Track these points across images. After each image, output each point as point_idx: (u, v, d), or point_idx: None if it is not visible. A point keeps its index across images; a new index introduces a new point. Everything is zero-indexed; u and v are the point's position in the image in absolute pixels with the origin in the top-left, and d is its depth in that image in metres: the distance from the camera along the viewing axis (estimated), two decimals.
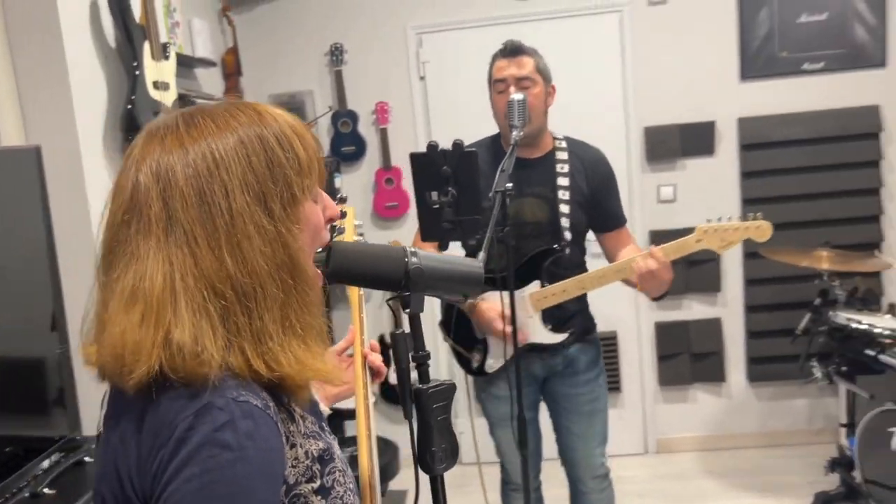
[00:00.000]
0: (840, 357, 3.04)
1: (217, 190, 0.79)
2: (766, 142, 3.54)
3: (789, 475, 3.43)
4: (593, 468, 2.37)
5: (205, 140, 0.81)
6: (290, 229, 0.83)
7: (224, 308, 0.78)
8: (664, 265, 1.99)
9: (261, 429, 0.76)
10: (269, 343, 0.80)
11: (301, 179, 0.85)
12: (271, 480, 0.78)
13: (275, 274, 0.81)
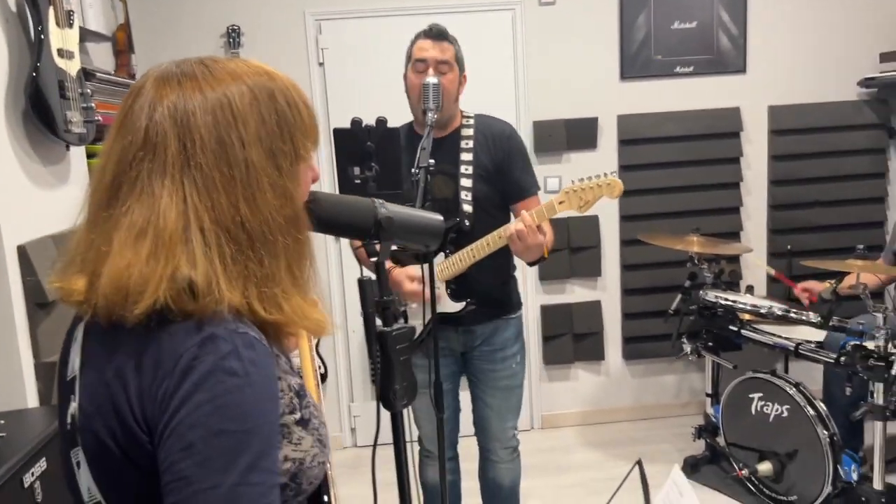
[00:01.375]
0: (707, 333, 3.37)
1: (235, 141, 0.84)
2: (642, 138, 3.85)
3: (661, 444, 3.75)
4: (505, 440, 2.50)
5: (222, 89, 0.85)
6: (295, 185, 0.89)
7: (237, 251, 0.83)
8: (531, 228, 2.05)
9: (261, 357, 0.81)
10: (275, 289, 0.85)
11: (305, 141, 0.91)
12: (274, 405, 0.83)
13: (284, 226, 0.87)
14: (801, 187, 3.96)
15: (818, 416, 2.84)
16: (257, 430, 0.78)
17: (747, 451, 3.14)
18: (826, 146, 3.92)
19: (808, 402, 2.88)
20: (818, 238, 3.96)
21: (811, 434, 2.84)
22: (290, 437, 0.86)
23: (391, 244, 0.99)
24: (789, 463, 2.97)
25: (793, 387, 2.94)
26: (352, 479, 3.55)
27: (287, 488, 0.86)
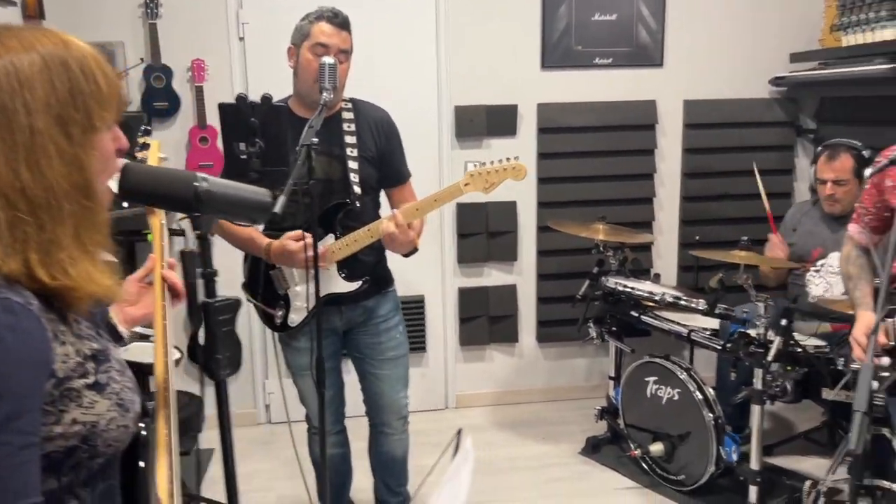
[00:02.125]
0: (611, 318, 3.48)
1: (19, 108, 0.85)
2: (561, 126, 3.92)
3: (567, 424, 3.87)
4: (399, 409, 2.57)
5: (9, 56, 0.87)
6: (87, 154, 0.91)
7: (14, 217, 0.85)
8: (402, 228, 2.16)
9: (22, 322, 0.83)
10: (59, 255, 0.88)
11: (101, 111, 0.93)
12: (32, 369, 0.85)
13: (70, 192, 0.89)
14: (712, 180, 4.09)
15: (705, 400, 2.97)
16: (7, 393, 0.81)
17: (643, 432, 3.27)
18: (737, 141, 4.06)
19: (698, 386, 3.01)
20: (728, 230, 4.09)
21: (698, 417, 2.98)
22: (80, 401, 0.89)
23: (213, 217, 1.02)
24: (680, 444, 3.11)
25: (684, 371, 3.07)
26: (266, 455, 3.59)
27: (79, 450, 0.89)
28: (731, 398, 2.98)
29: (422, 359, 4.04)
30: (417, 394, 4.01)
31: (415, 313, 3.94)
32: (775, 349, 2.65)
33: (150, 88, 3.55)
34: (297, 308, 2.34)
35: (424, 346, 4.02)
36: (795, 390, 2.78)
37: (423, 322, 3.98)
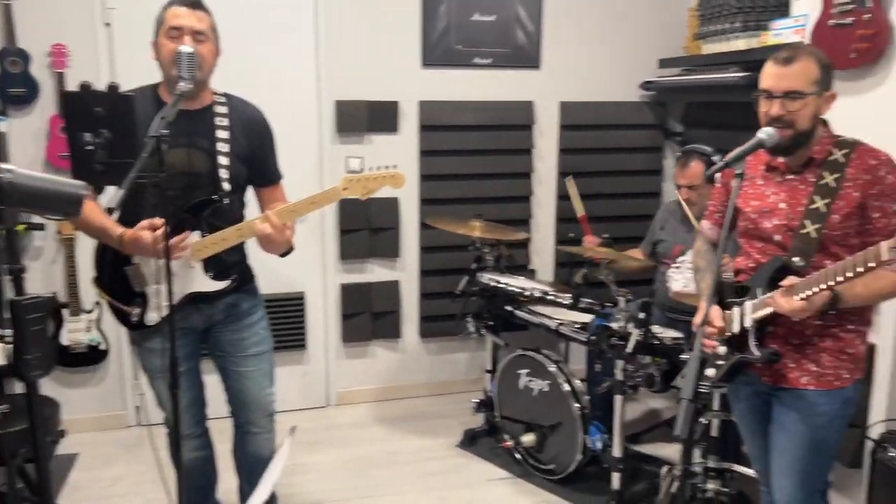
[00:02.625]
0: (488, 313, 3.55)
1: None
2: (442, 125, 3.97)
3: (448, 418, 3.92)
4: (266, 406, 2.52)
5: None
6: None
7: None
8: (277, 228, 2.15)
9: None
10: None
11: None
12: None
13: None
14: (587, 180, 4.23)
15: (572, 392, 3.08)
16: None
17: (517, 423, 3.36)
18: (610, 143, 4.23)
19: (566, 378, 3.12)
20: (601, 228, 4.24)
21: (566, 408, 3.09)
22: None
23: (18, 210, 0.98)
24: (550, 434, 3.21)
25: (554, 364, 3.17)
26: (133, 459, 3.45)
27: None
28: (594, 389, 3.11)
29: (302, 356, 3.99)
30: (297, 392, 3.99)
31: (294, 310, 3.89)
32: (634, 341, 2.78)
33: (5, 74, 3.32)
34: (156, 306, 2.26)
35: (304, 343, 3.97)
36: (663, 380, 2.93)
37: (302, 319, 3.94)
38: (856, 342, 2.00)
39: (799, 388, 2.01)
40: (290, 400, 3.93)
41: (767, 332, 2.02)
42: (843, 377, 1.99)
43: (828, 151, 1.96)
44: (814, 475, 2.05)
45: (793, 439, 2.04)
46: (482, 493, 3.21)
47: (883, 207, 1.89)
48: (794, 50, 1.94)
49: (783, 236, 2.00)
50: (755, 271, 2.07)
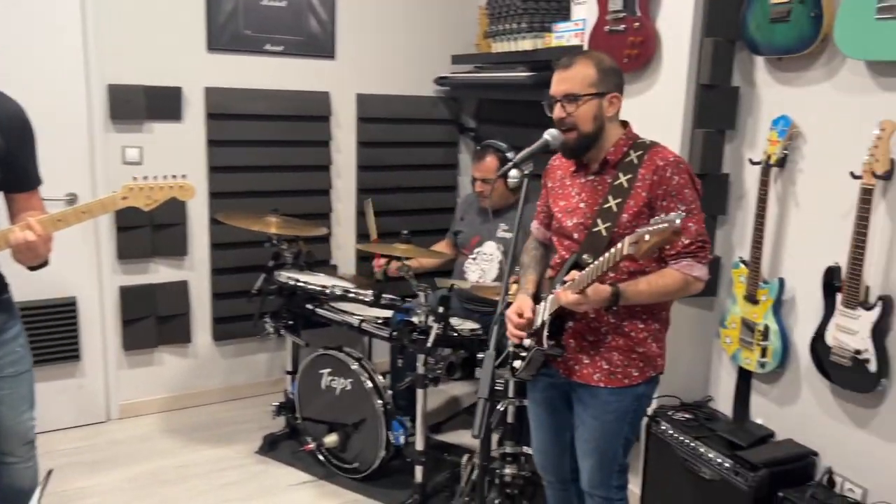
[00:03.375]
0: (287, 312, 3.42)
1: None
2: (232, 113, 3.74)
3: (246, 423, 3.73)
4: (24, 434, 2.20)
5: None
6: None
7: None
8: (42, 238, 1.92)
9: None
10: None
11: None
12: None
13: None
14: (385, 173, 4.23)
15: (375, 388, 3.05)
16: None
17: (319, 424, 3.27)
18: (407, 136, 4.25)
19: (368, 375, 3.08)
20: (400, 221, 4.27)
21: (369, 405, 3.05)
22: None
23: None
24: (354, 433, 3.16)
25: (356, 361, 3.12)
26: None
27: None
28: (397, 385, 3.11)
29: (76, 368, 3.58)
30: (71, 408, 3.59)
31: (65, 318, 3.48)
32: (434, 335, 2.80)
33: None
34: None
35: (78, 354, 3.57)
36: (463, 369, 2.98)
37: (75, 327, 3.53)
38: (648, 341, 2.08)
39: (591, 385, 2.09)
40: (62, 418, 3.53)
41: (567, 329, 2.09)
42: (633, 375, 2.08)
43: (623, 153, 2.03)
44: (609, 459, 2.16)
45: (589, 432, 2.14)
46: (283, 499, 3.09)
47: (668, 207, 1.96)
48: (574, 55, 2.02)
49: (580, 234, 2.07)
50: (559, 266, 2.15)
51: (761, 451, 2.55)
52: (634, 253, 1.69)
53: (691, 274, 1.98)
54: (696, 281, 2.00)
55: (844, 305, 2.32)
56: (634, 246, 1.69)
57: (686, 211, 1.93)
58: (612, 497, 2.21)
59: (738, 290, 2.72)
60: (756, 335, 2.67)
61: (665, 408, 2.89)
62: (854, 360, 2.30)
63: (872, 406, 2.37)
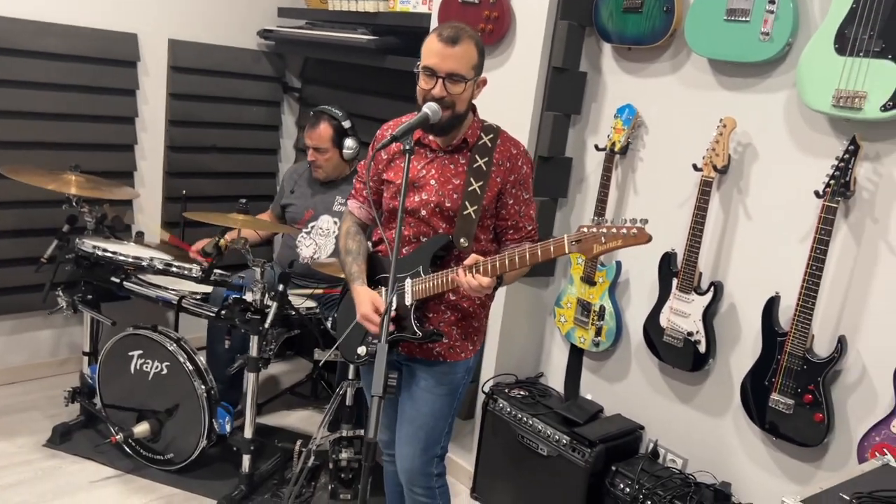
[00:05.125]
0: (86, 285, 2.98)
1: None
2: (16, 49, 3.15)
3: (28, 412, 3.23)
4: None
5: None
6: None
7: None
8: None
9: None
10: None
11: None
12: None
13: None
14: (199, 130, 3.83)
15: (196, 371, 2.76)
16: None
17: (126, 412, 2.90)
18: (226, 91, 3.87)
19: (188, 356, 2.78)
20: (214, 184, 3.92)
21: (189, 389, 2.75)
22: None
23: None
24: (168, 420, 2.84)
25: (173, 342, 2.79)
26: None
27: None
28: (223, 368, 2.84)
29: None
30: None
31: None
32: (272, 315, 2.58)
33: None
34: None
35: None
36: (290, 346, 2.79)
37: None
38: (481, 316, 2.12)
39: (431, 360, 2.05)
40: None
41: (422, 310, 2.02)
42: (469, 349, 2.09)
43: (478, 135, 2.00)
44: (434, 440, 2.11)
45: (421, 409, 2.08)
46: (86, 498, 2.71)
47: (516, 195, 2.01)
48: (456, 30, 1.89)
49: (429, 212, 1.99)
50: (409, 246, 2.03)
51: (595, 427, 2.66)
52: (584, 253, 1.70)
53: None
54: None
55: (679, 290, 2.46)
56: (578, 245, 1.69)
57: (529, 199, 2.04)
58: (432, 486, 2.16)
59: (576, 272, 2.80)
60: (592, 315, 2.77)
61: (501, 385, 2.93)
62: (686, 342, 2.46)
63: (697, 383, 2.55)
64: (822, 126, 2.17)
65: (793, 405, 2.17)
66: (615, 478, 2.51)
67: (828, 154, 2.09)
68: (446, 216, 1.98)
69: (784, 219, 2.26)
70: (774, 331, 2.22)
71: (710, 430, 2.51)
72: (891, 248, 2.05)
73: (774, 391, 2.20)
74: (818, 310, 2.15)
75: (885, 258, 2.06)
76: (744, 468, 2.42)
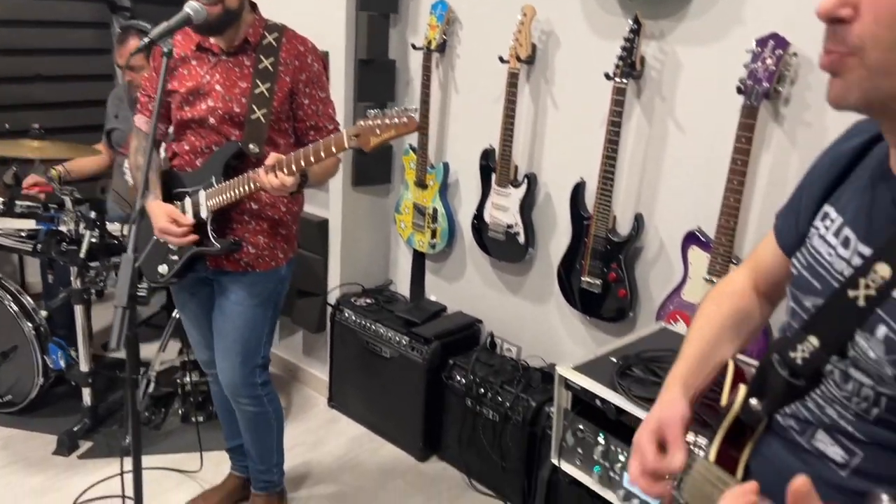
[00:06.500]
0: None
1: None
2: None
3: None
4: None
5: None
6: None
7: None
8: None
9: None
10: None
11: None
12: None
13: None
14: (20, 59, 3.57)
15: (22, 311, 2.65)
16: None
17: None
18: (47, 14, 3.59)
19: (13, 297, 2.66)
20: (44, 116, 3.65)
21: (18, 330, 2.65)
22: None
23: None
24: (4, 363, 2.74)
25: None
26: None
27: None
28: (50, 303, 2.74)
29: None
30: None
31: None
32: (87, 244, 2.48)
33: None
34: None
35: None
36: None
37: None
38: (289, 223, 2.08)
39: (240, 272, 2.02)
40: None
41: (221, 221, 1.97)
42: (279, 257, 2.06)
43: (261, 34, 1.93)
44: (252, 352, 2.10)
45: (233, 321, 2.06)
46: None
47: (311, 94, 1.96)
48: None
49: (217, 120, 1.92)
50: (202, 157, 1.97)
51: (433, 326, 2.72)
52: (363, 146, 1.65)
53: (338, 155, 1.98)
54: (339, 162, 2.05)
55: (497, 184, 2.49)
56: (357, 139, 1.65)
57: (326, 98, 2.01)
58: (259, 394, 2.17)
59: (410, 177, 2.80)
60: (426, 218, 2.78)
61: (348, 296, 2.94)
62: (507, 234, 2.51)
63: (523, 274, 2.63)
64: (613, 7, 2.19)
65: (600, 285, 2.26)
66: (452, 371, 2.59)
67: (620, 36, 2.11)
68: (237, 122, 1.92)
69: (585, 105, 2.30)
70: (581, 215, 2.29)
71: (538, 316, 2.60)
72: (678, 125, 2.11)
73: (584, 273, 2.29)
74: (618, 191, 2.22)
75: (673, 135, 2.13)
76: (569, 349, 2.53)
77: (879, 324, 0.72)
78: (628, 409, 1.56)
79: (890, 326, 0.71)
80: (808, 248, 0.87)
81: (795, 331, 0.81)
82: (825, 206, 0.86)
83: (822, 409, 0.80)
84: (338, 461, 2.73)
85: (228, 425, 2.35)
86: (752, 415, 0.83)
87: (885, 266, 0.69)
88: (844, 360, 0.75)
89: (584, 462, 1.69)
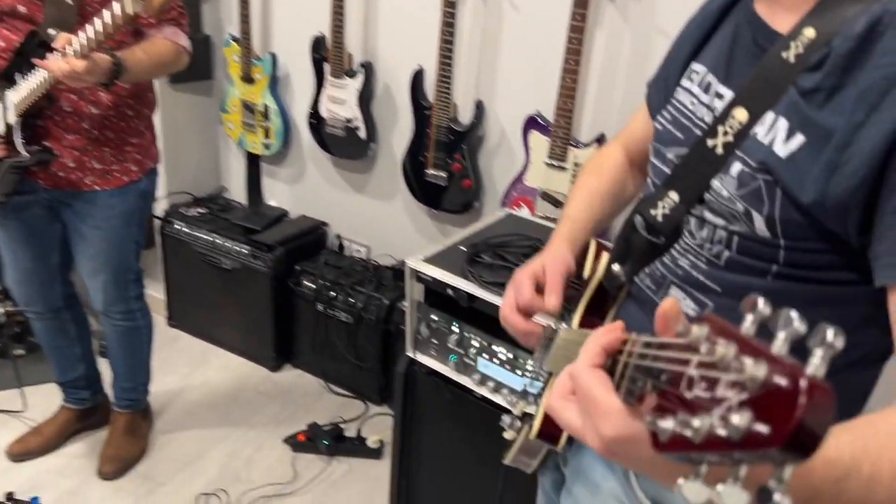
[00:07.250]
0: None
1: None
2: None
3: None
4: None
5: None
6: None
7: None
8: None
9: None
10: None
11: None
12: None
13: None
14: None
15: None
16: None
17: None
18: None
19: None
20: None
21: None
22: None
23: None
24: None
25: None
26: None
27: None
28: None
29: None
30: None
31: None
32: None
33: None
34: None
35: None
36: None
37: None
38: (140, 128, 1.87)
39: (85, 191, 1.80)
40: None
41: (39, 129, 1.70)
42: (132, 171, 1.86)
43: None
44: (124, 268, 1.98)
45: (96, 245, 1.89)
46: None
47: None
48: None
49: (29, 7, 1.63)
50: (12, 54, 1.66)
51: (275, 232, 2.58)
52: (143, 11, 1.42)
53: (179, 43, 1.77)
54: (184, 52, 1.82)
55: (332, 76, 2.34)
56: (141, 3, 1.41)
57: None
58: (132, 308, 2.07)
59: (234, 71, 2.57)
60: (257, 116, 2.59)
61: (177, 206, 2.72)
62: (347, 130, 2.39)
63: (366, 171, 2.53)
64: None
65: (445, 177, 2.22)
66: (300, 277, 2.49)
67: None
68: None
69: None
70: (422, 105, 2.21)
71: (386, 214, 2.54)
72: (513, 5, 2.05)
73: (429, 166, 2.23)
74: (457, 78, 2.14)
75: (509, 16, 2.06)
76: (419, 245, 2.49)
77: (735, 162, 0.71)
78: (480, 294, 1.55)
79: (744, 161, 0.70)
80: (672, 103, 0.85)
81: (657, 187, 0.80)
82: (692, 64, 0.84)
83: (675, 262, 0.80)
84: (185, 379, 2.59)
85: (59, 361, 2.16)
86: (614, 279, 0.82)
87: (743, 110, 0.68)
88: (700, 205, 0.74)
89: (440, 352, 1.69)
